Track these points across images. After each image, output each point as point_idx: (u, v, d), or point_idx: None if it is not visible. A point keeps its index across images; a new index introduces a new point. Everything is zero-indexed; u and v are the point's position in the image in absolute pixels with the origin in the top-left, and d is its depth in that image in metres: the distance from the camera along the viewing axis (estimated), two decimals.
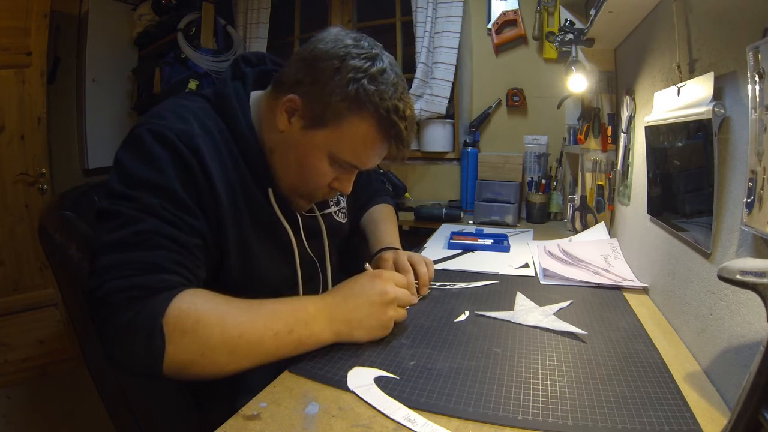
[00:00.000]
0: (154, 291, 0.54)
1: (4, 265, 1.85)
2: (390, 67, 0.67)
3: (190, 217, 0.61)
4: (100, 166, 2.36)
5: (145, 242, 0.56)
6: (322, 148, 0.68)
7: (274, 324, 0.58)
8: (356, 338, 0.64)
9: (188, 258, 0.59)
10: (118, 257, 0.55)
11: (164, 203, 0.58)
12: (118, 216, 0.57)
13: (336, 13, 2.20)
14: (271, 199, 0.72)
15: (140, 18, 2.41)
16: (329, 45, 0.66)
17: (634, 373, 0.57)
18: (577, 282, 0.92)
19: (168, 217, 0.58)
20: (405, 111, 0.68)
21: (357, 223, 1.04)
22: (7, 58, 1.81)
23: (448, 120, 1.92)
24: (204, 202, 0.63)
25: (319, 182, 0.72)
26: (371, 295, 0.65)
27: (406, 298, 0.69)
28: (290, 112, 0.68)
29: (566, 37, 1.21)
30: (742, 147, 0.52)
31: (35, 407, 1.76)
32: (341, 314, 0.64)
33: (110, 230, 0.56)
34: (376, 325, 0.65)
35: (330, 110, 0.65)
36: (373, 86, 0.65)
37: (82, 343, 0.80)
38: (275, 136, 0.71)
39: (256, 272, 0.72)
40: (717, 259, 0.58)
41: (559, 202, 1.68)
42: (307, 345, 0.61)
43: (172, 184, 0.60)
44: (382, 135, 0.68)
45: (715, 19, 0.61)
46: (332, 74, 0.65)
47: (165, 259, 0.56)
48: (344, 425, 0.48)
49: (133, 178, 0.59)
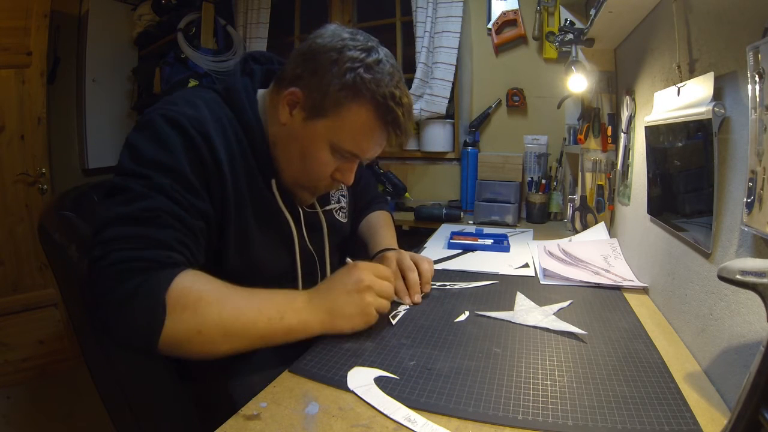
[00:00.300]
0: (159, 265, 0.55)
1: (4, 265, 1.85)
2: (386, 58, 0.69)
3: (197, 199, 0.63)
4: (100, 166, 2.36)
5: (153, 219, 0.57)
6: (323, 137, 0.70)
7: (267, 310, 0.60)
8: (339, 327, 0.65)
9: (191, 239, 0.61)
10: (125, 230, 0.56)
11: (173, 184, 0.60)
12: (127, 191, 0.58)
13: (336, 13, 2.20)
14: (274, 189, 0.74)
15: (140, 18, 2.41)
16: (327, 39, 0.69)
17: (634, 373, 0.57)
18: (577, 282, 0.92)
19: (176, 198, 0.60)
20: (401, 98, 0.69)
21: (355, 227, 1.05)
22: (7, 58, 1.81)
23: (448, 120, 1.92)
24: (211, 186, 0.66)
25: (322, 173, 0.73)
26: (347, 284, 0.67)
27: (383, 288, 0.69)
28: (291, 105, 0.70)
29: (566, 37, 1.21)
30: (742, 147, 0.52)
31: (35, 407, 1.76)
32: (323, 303, 0.65)
33: (119, 204, 0.58)
34: (354, 312, 0.66)
35: (329, 99, 0.67)
36: (369, 75, 0.67)
37: (82, 343, 0.79)
38: (278, 129, 0.73)
39: (254, 260, 0.74)
40: (717, 259, 0.58)
41: (559, 202, 1.68)
42: (296, 332, 0.62)
43: (181, 167, 0.62)
44: (380, 121, 0.70)
45: (715, 19, 0.61)
46: (330, 65, 0.67)
47: (171, 237, 0.58)
48: (344, 425, 0.48)
49: (145, 157, 0.61)
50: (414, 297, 0.81)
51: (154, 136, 0.62)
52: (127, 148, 0.63)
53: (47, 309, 1.94)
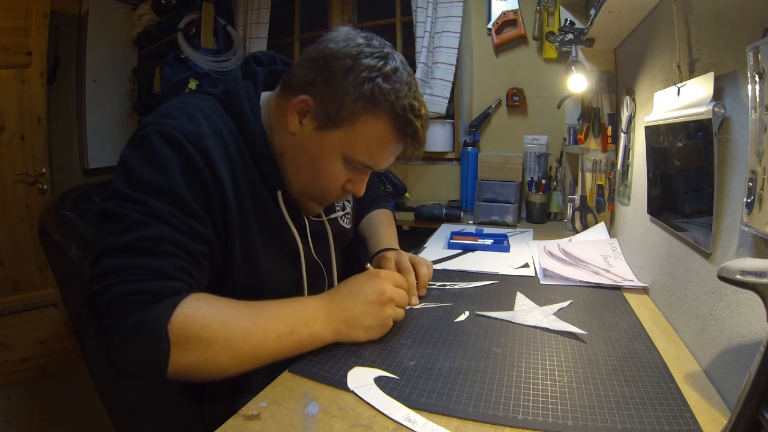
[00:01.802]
0: (159, 297, 0.53)
1: (4, 265, 1.85)
2: (402, 66, 0.67)
3: (197, 223, 0.60)
4: (100, 166, 2.36)
5: (150, 248, 0.55)
6: (336, 149, 0.67)
7: (275, 326, 0.59)
8: (355, 337, 0.64)
9: (193, 265, 0.59)
10: (122, 262, 0.54)
11: (171, 208, 0.57)
12: (123, 219, 0.56)
13: (336, 13, 2.20)
14: (280, 202, 0.71)
15: (140, 18, 2.41)
16: (341, 44, 0.65)
17: (634, 373, 0.57)
18: (577, 282, 0.92)
19: (174, 223, 0.57)
20: (420, 109, 0.67)
21: (357, 226, 1.04)
22: (7, 58, 1.81)
23: (448, 120, 1.92)
24: (212, 206, 0.62)
25: (333, 184, 0.71)
26: (368, 294, 0.65)
27: (403, 298, 0.69)
28: (302, 114, 0.67)
29: (566, 37, 1.21)
30: (742, 147, 0.52)
31: (35, 407, 1.76)
32: (340, 313, 0.64)
33: (115, 233, 0.55)
34: (374, 324, 0.65)
35: (344, 110, 0.64)
36: (388, 85, 0.64)
37: (82, 343, 0.79)
38: (286, 138, 0.69)
39: (261, 276, 0.71)
40: (717, 259, 0.58)
41: (559, 202, 1.68)
42: (308, 345, 0.61)
43: (179, 189, 0.58)
44: (398, 134, 0.67)
45: (715, 19, 0.61)
46: (345, 74, 0.64)
47: (170, 266, 0.56)
48: (344, 425, 0.48)
49: (140, 180, 0.58)
50: (411, 299, 0.80)
51: (149, 155, 0.59)
52: (122, 167, 0.60)
53: (47, 309, 1.94)
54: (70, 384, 1.85)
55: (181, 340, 0.52)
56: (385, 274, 0.70)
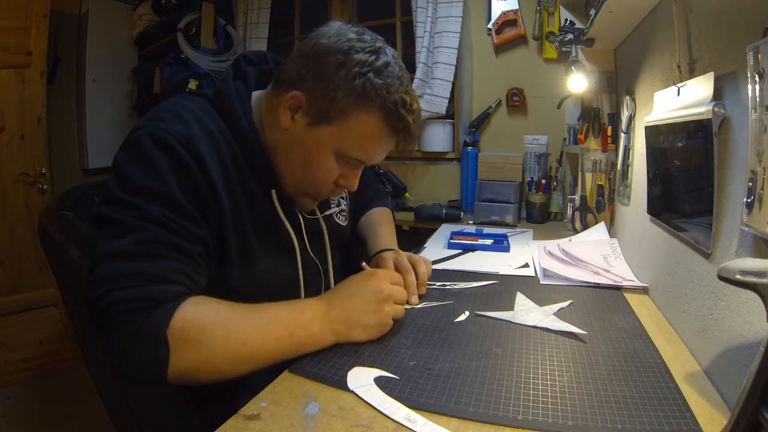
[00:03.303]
0: (158, 302, 0.53)
1: (4, 265, 1.85)
2: (394, 60, 0.67)
3: (192, 224, 0.60)
4: (100, 166, 2.36)
5: (147, 252, 0.55)
6: (328, 144, 0.67)
7: (275, 328, 0.59)
8: (355, 337, 0.64)
9: (190, 266, 0.59)
10: (119, 267, 0.54)
11: (165, 211, 0.57)
12: (118, 224, 0.56)
13: (336, 13, 2.20)
14: (274, 200, 0.72)
15: (140, 18, 2.41)
16: (332, 39, 0.65)
17: (634, 373, 0.57)
18: (577, 282, 0.92)
19: (170, 226, 0.57)
20: (412, 104, 0.67)
21: (356, 224, 1.04)
22: (7, 58, 1.81)
23: (448, 120, 1.92)
24: (205, 208, 0.63)
25: (325, 180, 0.71)
26: (367, 294, 0.65)
27: (401, 295, 0.69)
28: (294, 109, 0.67)
29: (566, 37, 1.21)
30: (742, 147, 0.52)
31: (35, 407, 1.76)
32: (339, 314, 0.64)
33: (111, 238, 0.55)
34: (373, 323, 0.65)
35: (336, 105, 0.64)
36: (379, 80, 0.64)
37: (82, 343, 0.80)
38: (278, 134, 0.69)
39: (257, 276, 0.72)
40: (717, 259, 0.58)
41: (559, 202, 1.68)
42: (308, 346, 0.61)
43: (172, 191, 0.58)
44: (390, 129, 0.67)
45: (715, 19, 0.61)
46: (337, 69, 0.63)
47: (167, 269, 0.56)
48: (344, 425, 0.48)
49: (133, 184, 0.58)
50: (411, 299, 0.80)
51: (141, 158, 0.59)
52: (115, 171, 0.60)
53: (47, 309, 1.94)
54: (70, 384, 1.85)
55: (181, 345, 0.53)
56: (382, 272, 0.70)
